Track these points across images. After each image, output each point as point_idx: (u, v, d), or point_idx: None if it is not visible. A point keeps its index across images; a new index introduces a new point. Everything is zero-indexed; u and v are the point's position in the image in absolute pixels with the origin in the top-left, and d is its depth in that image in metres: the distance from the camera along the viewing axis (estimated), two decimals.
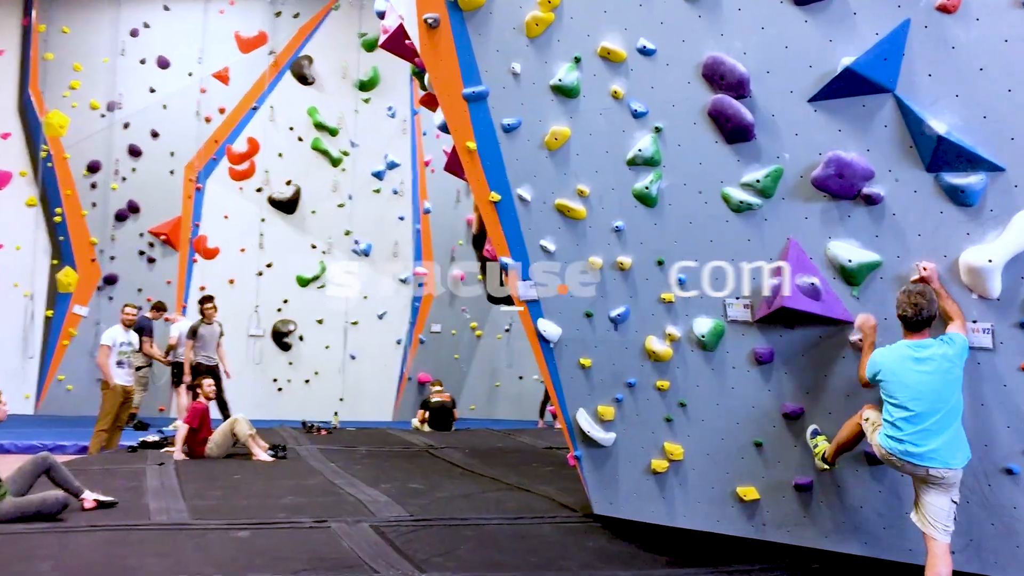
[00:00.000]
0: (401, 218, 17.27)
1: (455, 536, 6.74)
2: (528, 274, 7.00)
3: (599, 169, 6.50)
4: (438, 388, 15.39)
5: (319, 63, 17.07)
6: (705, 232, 6.17)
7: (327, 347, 17.08)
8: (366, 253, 17.12)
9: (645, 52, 6.11)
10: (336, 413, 14.31)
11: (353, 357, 17.04)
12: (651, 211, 6.36)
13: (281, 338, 16.95)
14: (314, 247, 17.11)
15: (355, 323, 17.08)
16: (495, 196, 6.95)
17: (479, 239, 9.31)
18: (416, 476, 9.38)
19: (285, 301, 17.03)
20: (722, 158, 5.97)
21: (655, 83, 6.13)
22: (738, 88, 5.71)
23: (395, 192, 17.22)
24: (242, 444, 10.32)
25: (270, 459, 10.23)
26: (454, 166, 7.62)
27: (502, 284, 8.95)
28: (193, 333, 12.69)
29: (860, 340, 5.68)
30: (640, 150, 6.23)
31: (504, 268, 7.11)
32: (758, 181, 5.82)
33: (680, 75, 6.00)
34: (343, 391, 17.09)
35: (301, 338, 17.10)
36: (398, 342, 17.50)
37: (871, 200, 5.46)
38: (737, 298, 6.16)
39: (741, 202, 5.92)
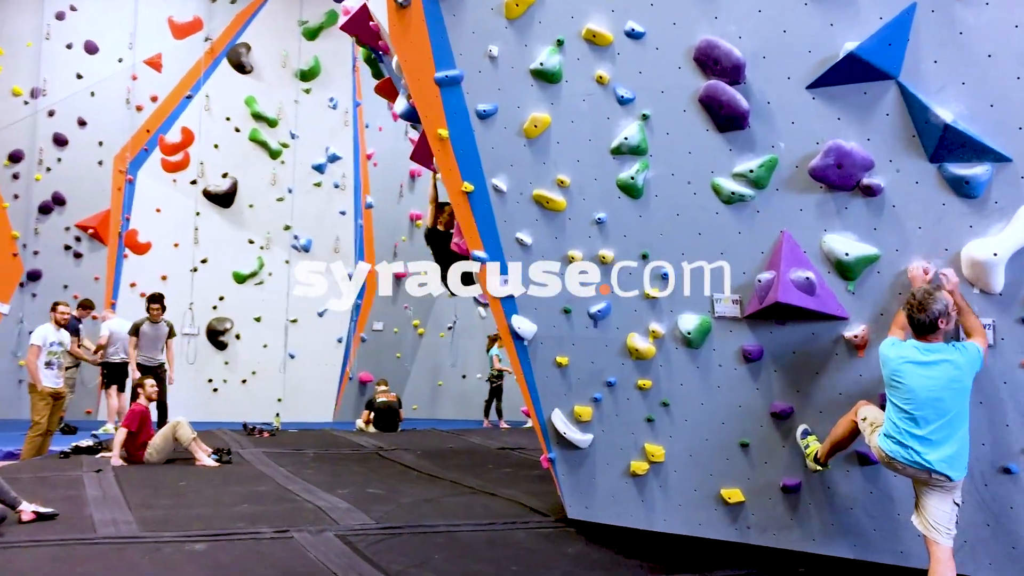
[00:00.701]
0: (343, 213, 16.77)
1: (427, 544, 6.38)
2: (505, 269, 6.65)
3: (581, 158, 6.21)
4: (383, 388, 14.96)
5: (257, 51, 16.48)
6: (693, 224, 5.93)
7: (265, 346, 16.50)
8: (306, 249, 16.59)
9: (633, 35, 5.84)
10: (278, 415, 13.79)
11: (292, 356, 16.48)
12: (636, 202, 6.09)
13: (216, 337, 16.31)
14: (251, 242, 16.52)
15: (294, 321, 16.52)
16: (468, 186, 6.61)
17: (433, 234, 8.93)
18: (372, 480, 8.98)
19: (221, 298, 16.39)
20: (713, 147, 5.73)
21: (643, 68, 5.86)
22: (733, 74, 5.47)
23: (336, 186, 16.71)
24: (184, 449, 9.77)
25: (215, 464, 9.72)
26: (422, 155, 7.27)
27: (468, 283, 8.61)
28: (135, 331, 12.02)
29: (855, 336, 5.50)
30: (626, 138, 5.95)
31: (478, 262, 6.76)
32: (751, 171, 5.59)
33: (670, 60, 5.74)
34: (282, 391, 16.52)
35: (238, 337, 16.48)
36: (339, 340, 17.00)
37: (870, 191, 5.27)
38: (726, 293, 5.92)
39: (733, 193, 5.68)
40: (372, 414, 14.44)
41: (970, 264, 5.07)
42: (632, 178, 6.00)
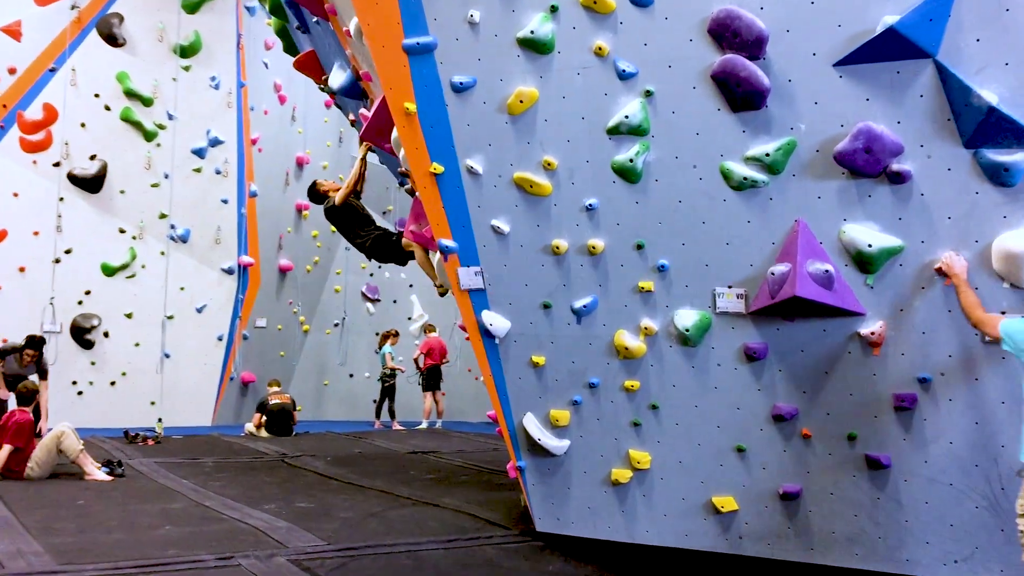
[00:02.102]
0: (224, 201, 15.63)
1: (393, 567, 5.70)
2: (476, 259, 6.02)
3: (572, 138, 5.65)
4: (275, 389, 13.99)
5: (131, 22, 15.09)
6: (696, 212, 5.47)
7: (137, 344, 15.19)
8: (184, 239, 15.38)
9: (639, 3, 5.31)
10: (160, 420, 12.61)
11: (168, 355, 15.20)
12: (633, 187, 5.58)
13: (82, 335, 14.91)
14: (123, 231, 15.19)
15: (171, 317, 15.24)
16: (437, 167, 5.94)
17: (334, 212, 8.20)
18: (294, 493, 8.17)
19: (87, 293, 14.99)
20: (725, 128, 5.28)
21: (649, 39, 5.34)
22: (753, 48, 5.03)
23: (218, 172, 15.56)
24: (71, 462, 8.66)
25: (107, 477, 8.66)
26: (375, 133, 6.53)
27: (389, 259, 7.99)
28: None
29: (872, 333, 5.16)
30: (626, 117, 5.43)
31: (443, 252, 6.10)
32: (767, 155, 5.17)
33: (681, 31, 5.25)
34: (155, 394, 15.21)
35: (106, 335, 15.11)
36: (219, 338, 15.83)
37: (898, 178, 4.94)
38: (729, 287, 5.49)
39: (745, 179, 5.25)
40: (264, 417, 13.45)
41: (1003, 257, 4.81)
42: (631, 161, 5.49)
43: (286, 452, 11.12)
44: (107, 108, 14.91)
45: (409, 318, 18.57)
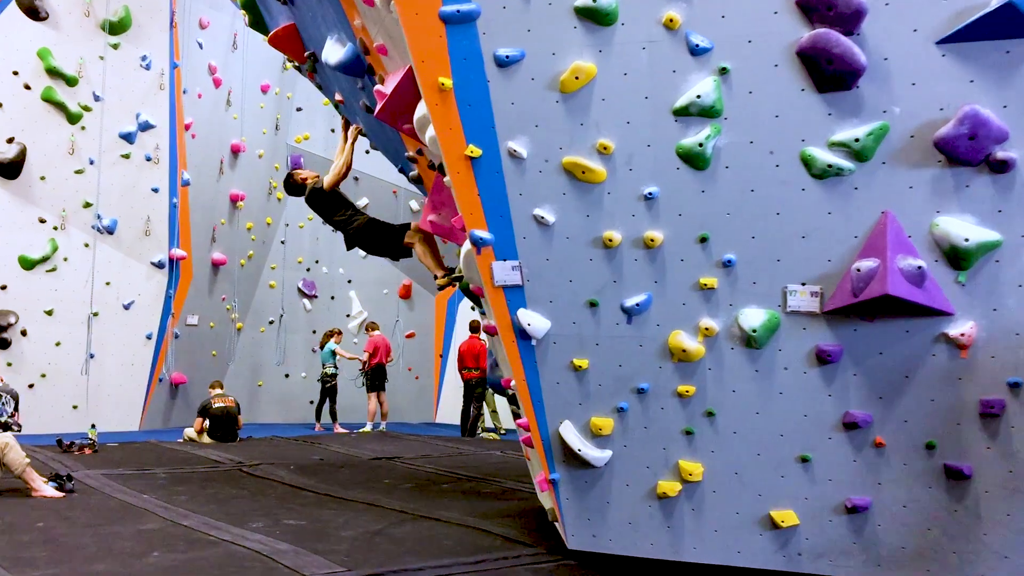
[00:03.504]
0: (155, 190, 14.63)
1: None
2: (514, 253, 5.45)
3: (633, 119, 5.13)
4: (219, 391, 13.08)
5: None
6: (770, 202, 5.01)
7: (58, 344, 14.10)
8: (110, 230, 14.31)
9: None
10: (93, 426, 11.59)
11: (92, 355, 14.10)
12: (699, 175, 5.09)
13: None
14: (43, 221, 14.05)
15: (95, 314, 14.16)
16: (474, 150, 5.35)
17: (318, 196, 7.56)
18: (274, 508, 7.45)
19: (3, 288, 13.87)
20: (809, 111, 4.84)
21: (727, 12, 4.86)
22: (849, 22, 4.59)
23: (148, 159, 14.57)
24: (15, 476, 7.74)
25: (57, 493, 7.77)
26: (393, 111, 5.89)
27: (381, 248, 7.44)
28: None
29: (961, 335, 4.80)
30: (698, 96, 4.94)
31: (476, 244, 5.50)
32: (856, 140, 4.75)
33: (765, 3, 4.78)
34: (79, 397, 14.13)
35: (24, 333, 13.96)
36: (148, 337, 14.81)
37: (1001, 167, 4.58)
38: (803, 284, 5.05)
39: (829, 166, 4.82)
40: (206, 422, 12.54)
41: None
42: (700, 145, 4.99)
43: (241, 460, 10.31)
44: (27, 87, 13.73)
45: (348, 315, 17.81)
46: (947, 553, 5.11)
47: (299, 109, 17.49)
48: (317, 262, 17.84)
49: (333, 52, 6.73)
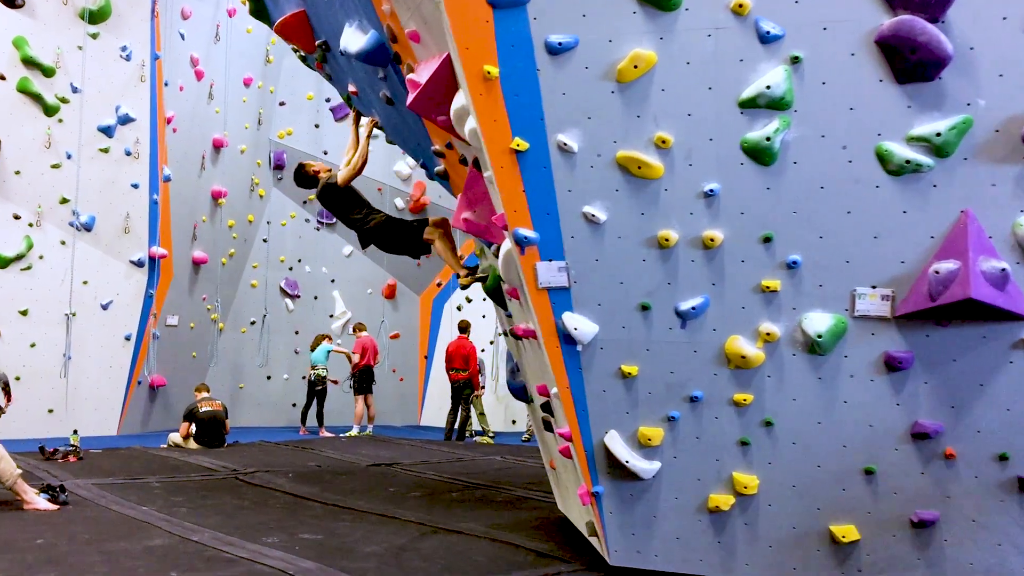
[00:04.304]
0: (135, 186, 14.10)
1: None
2: (561, 253, 5.13)
3: (694, 111, 4.83)
4: (205, 395, 12.62)
5: None
6: (841, 200, 4.74)
7: (33, 345, 13.57)
8: (88, 227, 13.77)
9: None
10: (75, 432, 11.07)
11: (68, 357, 13.58)
12: (765, 171, 4.80)
13: None
14: (18, 218, 13.50)
15: (73, 315, 13.63)
16: (520, 144, 5.01)
17: (332, 192, 7.21)
18: (283, 520, 7.08)
19: None
20: (886, 103, 4.57)
21: None
22: (936, 8, 4.33)
23: (128, 153, 14.03)
24: (7, 488, 7.28)
25: (51, 506, 7.33)
26: (427, 102, 5.53)
27: (400, 246, 7.13)
28: None
29: None
30: (768, 87, 4.64)
31: (520, 244, 5.17)
32: (938, 135, 4.48)
33: None
34: (55, 400, 13.60)
35: None
36: (127, 338, 14.29)
37: None
38: (873, 287, 4.78)
39: (907, 162, 4.55)
40: (193, 426, 12.07)
41: None
42: (767, 139, 4.70)
43: (236, 468, 9.89)
44: (2, 78, 13.16)
45: (331, 315, 17.38)
46: (1016, 568, 4.88)
47: (282, 103, 17.03)
48: (300, 261, 17.39)
49: (353, 40, 6.35)
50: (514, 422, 16.84)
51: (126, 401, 14.39)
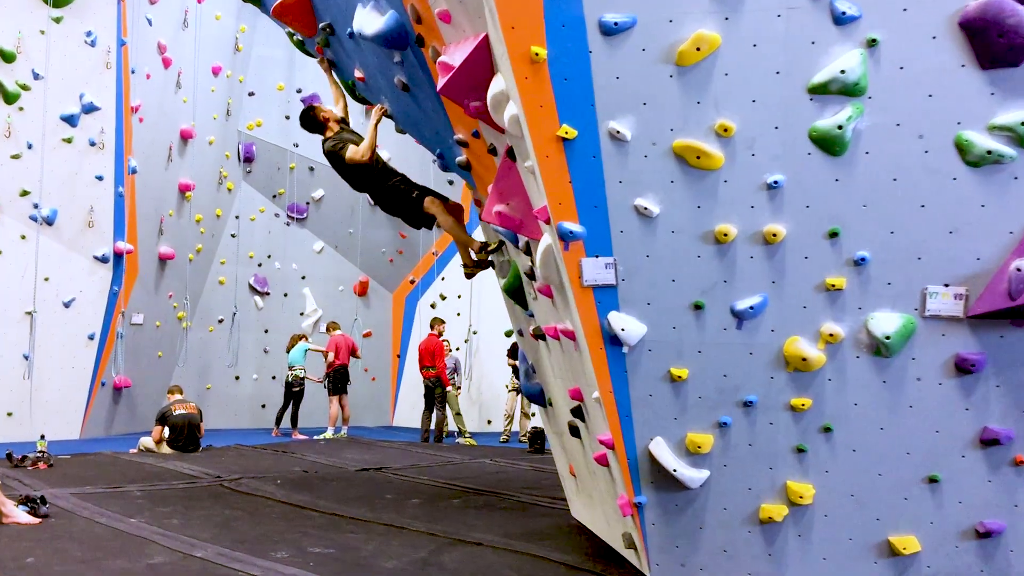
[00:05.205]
0: (99, 178, 13.46)
1: None
2: (608, 248, 4.79)
3: (759, 97, 4.52)
4: (179, 397, 12.09)
5: None
6: (915, 193, 4.47)
7: None
8: (49, 221, 13.11)
9: None
10: (43, 437, 10.47)
11: (27, 357, 12.93)
12: (834, 161, 4.51)
13: None
14: None
15: (31, 313, 12.96)
16: (568, 131, 4.67)
17: (366, 172, 6.84)
18: (286, 532, 6.66)
19: None
20: (968, 89, 4.31)
21: None
22: None
23: (92, 144, 13.38)
24: None
25: (32, 519, 6.82)
26: (460, 87, 5.16)
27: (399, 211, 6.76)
28: None
29: None
30: (842, 72, 4.36)
31: (564, 238, 4.82)
32: (1023, 124, 4.22)
33: None
34: (14, 403, 12.94)
35: None
36: (90, 337, 13.65)
37: None
38: (946, 285, 4.52)
39: (988, 152, 4.30)
40: (166, 429, 11.52)
41: None
42: (839, 128, 4.42)
43: (219, 474, 9.40)
44: None
45: (301, 313, 16.88)
46: None
47: (251, 94, 16.45)
48: (269, 257, 16.83)
49: (369, 21, 5.95)
50: (489, 422, 16.49)
51: (89, 403, 13.76)
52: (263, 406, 16.20)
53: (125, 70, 13.61)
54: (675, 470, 5.00)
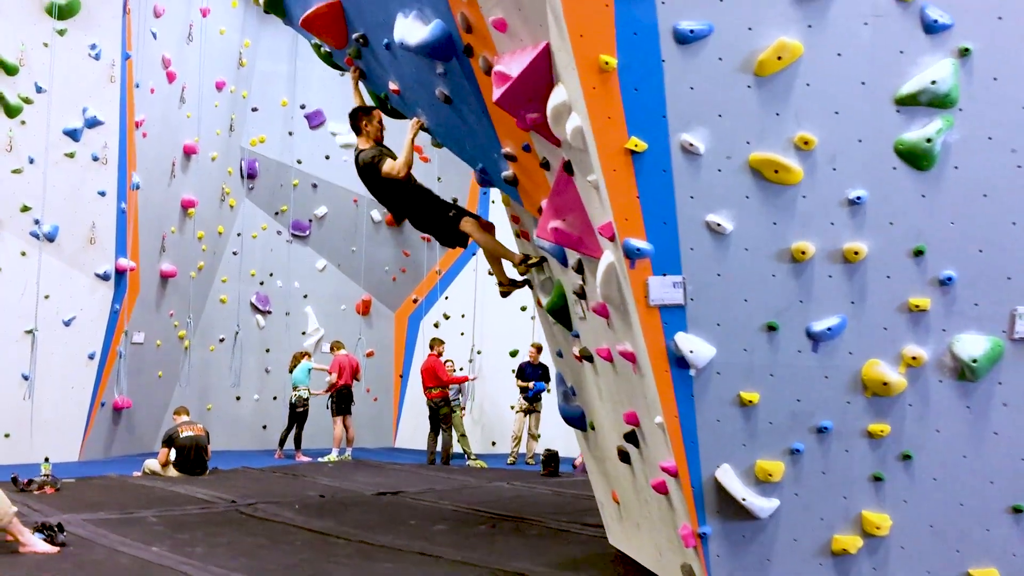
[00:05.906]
0: (102, 193, 13.13)
1: None
2: (677, 267, 4.57)
3: (843, 109, 4.33)
4: (186, 419, 11.78)
5: None
6: (1007, 209, 4.31)
7: None
8: (51, 238, 12.78)
9: None
10: (47, 460, 10.13)
11: (26, 377, 12.56)
12: (921, 176, 4.33)
13: None
14: None
15: (31, 331, 12.61)
16: (638, 144, 4.45)
17: (402, 188, 6.61)
18: (317, 560, 6.42)
19: None
20: None
21: None
22: None
23: (95, 159, 13.06)
24: (0, 528, 6.45)
25: (51, 548, 6.51)
26: (516, 98, 4.94)
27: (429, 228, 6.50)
28: None
29: None
30: (932, 83, 4.18)
31: (630, 256, 4.59)
32: None
33: None
34: (11, 423, 12.56)
35: None
36: (91, 356, 13.30)
37: None
38: None
39: None
40: (172, 452, 11.20)
41: None
42: (928, 140, 4.23)
43: (233, 499, 9.10)
44: None
45: (303, 332, 16.56)
46: None
47: (255, 109, 16.19)
48: (271, 275, 16.52)
49: (412, 31, 5.73)
50: (494, 443, 16.21)
51: (88, 424, 13.39)
52: (264, 427, 15.88)
53: (129, 84, 13.33)
54: (744, 499, 4.76)
